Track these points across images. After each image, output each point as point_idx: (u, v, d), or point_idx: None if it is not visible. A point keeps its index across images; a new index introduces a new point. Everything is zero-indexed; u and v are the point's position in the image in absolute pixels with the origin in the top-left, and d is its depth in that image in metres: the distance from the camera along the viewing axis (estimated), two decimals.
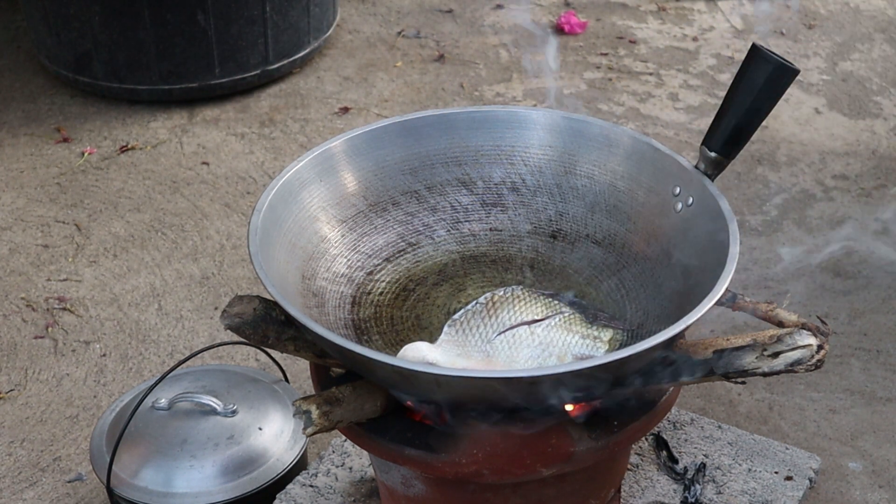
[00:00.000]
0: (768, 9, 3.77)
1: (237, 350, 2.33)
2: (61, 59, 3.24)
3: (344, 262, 1.51)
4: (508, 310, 1.36)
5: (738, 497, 1.73)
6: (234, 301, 1.34)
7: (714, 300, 1.26)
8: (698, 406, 2.20)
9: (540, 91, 3.33)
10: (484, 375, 1.26)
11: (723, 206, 1.38)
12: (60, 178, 2.95)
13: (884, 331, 2.40)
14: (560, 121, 1.58)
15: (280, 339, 1.34)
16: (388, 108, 3.24)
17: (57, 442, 2.17)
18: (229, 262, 2.63)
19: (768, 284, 2.53)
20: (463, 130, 1.59)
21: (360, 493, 1.75)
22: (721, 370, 1.29)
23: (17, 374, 2.33)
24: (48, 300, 2.52)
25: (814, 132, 3.12)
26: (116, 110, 3.22)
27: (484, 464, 1.29)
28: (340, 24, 3.64)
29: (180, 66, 3.16)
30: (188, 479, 1.81)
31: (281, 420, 1.90)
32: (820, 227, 2.74)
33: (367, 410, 1.32)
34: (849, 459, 2.09)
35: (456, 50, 3.55)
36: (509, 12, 3.77)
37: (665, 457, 1.78)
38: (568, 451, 1.30)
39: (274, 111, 3.23)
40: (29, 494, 2.06)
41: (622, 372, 1.29)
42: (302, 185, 1.49)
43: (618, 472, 1.52)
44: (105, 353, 2.38)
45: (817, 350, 1.25)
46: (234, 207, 2.82)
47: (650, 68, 3.43)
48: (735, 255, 1.31)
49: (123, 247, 2.69)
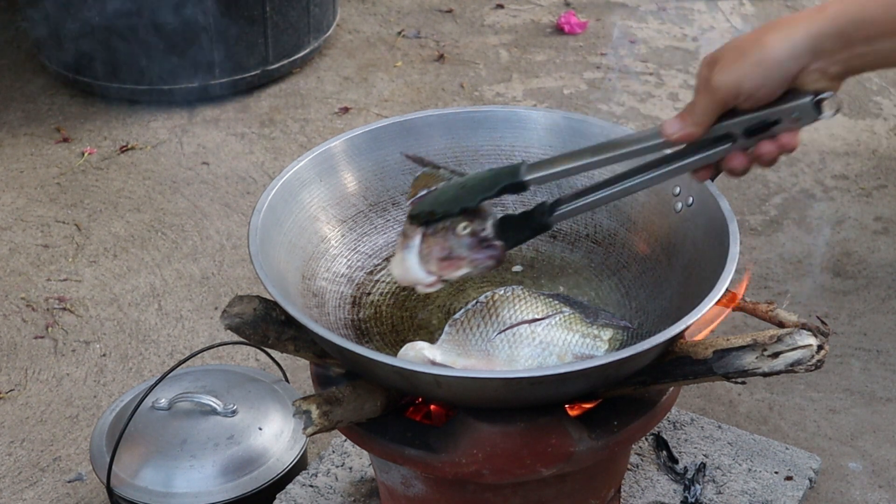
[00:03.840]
0: (768, 9, 3.78)
1: (237, 350, 2.33)
2: (61, 59, 3.24)
3: (344, 262, 1.51)
4: (509, 309, 1.36)
5: (738, 497, 1.73)
6: (234, 301, 1.34)
7: (714, 300, 1.26)
8: (698, 406, 2.20)
9: (540, 91, 3.33)
10: (484, 376, 1.26)
11: (723, 206, 1.38)
12: (60, 178, 2.95)
13: (884, 331, 2.40)
14: (560, 121, 1.57)
15: (280, 339, 1.34)
16: (388, 108, 3.24)
17: (57, 442, 2.17)
18: (229, 262, 2.63)
19: (768, 284, 2.53)
20: (463, 130, 1.59)
21: (360, 493, 1.75)
22: (721, 370, 1.29)
23: (17, 374, 2.33)
24: (48, 300, 2.52)
25: (813, 132, 3.12)
26: (116, 110, 3.22)
27: (484, 464, 1.29)
28: (340, 24, 3.64)
29: (180, 66, 3.15)
30: (188, 479, 1.81)
31: (281, 420, 1.90)
32: (820, 227, 2.74)
33: (367, 410, 1.32)
34: (849, 459, 2.09)
35: (456, 50, 3.55)
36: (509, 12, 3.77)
37: (665, 457, 1.78)
38: (568, 451, 1.30)
39: (274, 111, 3.23)
40: (29, 494, 2.06)
41: (622, 372, 1.29)
42: (302, 185, 1.49)
43: (618, 472, 1.52)
44: (105, 353, 2.38)
45: (817, 350, 1.25)
46: (234, 207, 2.82)
47: (650, 68, 3.43)
48: (735, 255, 1.31)
49: (123, 247, 2.69)
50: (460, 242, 1.29)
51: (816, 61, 1.14)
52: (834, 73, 1.15)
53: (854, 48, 1.13)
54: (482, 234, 1.29)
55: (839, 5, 1.14)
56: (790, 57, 1.14)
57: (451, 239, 1.29)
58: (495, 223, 1.30)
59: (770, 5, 3.79)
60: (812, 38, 1.13)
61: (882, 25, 1.12)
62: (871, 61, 1.15)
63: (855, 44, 1.13)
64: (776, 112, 1.17)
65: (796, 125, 1.17)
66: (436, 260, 1.30)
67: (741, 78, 1.15)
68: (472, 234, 1.29)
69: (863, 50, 1.13)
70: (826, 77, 1.15)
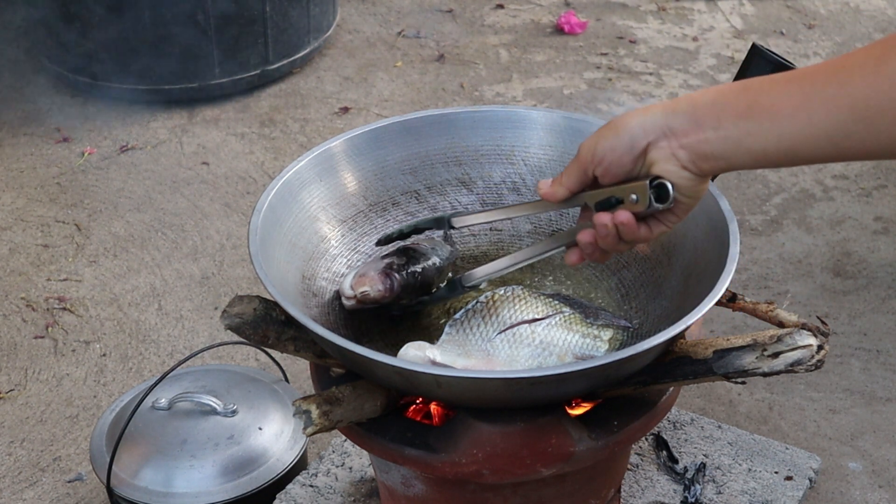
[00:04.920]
0: (768, 9, 3.77)
1: (237, 350, 2.33)
2: (61, 59, 3.24)
3: (344, 262, 1.51)
4: (509, 308, 1.36)
5: (738, 497, 1.73)
6: (234, 301, 1.34)
7: (714, 300, 1.26)
8: (698, 406, 2.20)
9: (540, 91, 3.33)
10: (484, 376, 1.26)
11: (723, 206, 1.38)
12: (60, 178, 2.95)
13: (884, 331, 2.40)
14: (560, 120, 1.57)
15: (280, 339, 1.34)
16: (388, 108, 3.24)
17: (57, 442, 2.17)
18: (229, 262, 2.63)
19: (768, 284, 2.53)
20: (463, 130, 1.59)
21: (360, 493, 1.75)
22: (721, 370, 1.29)
23: (17, 374, 2.33)
24: (48, 300, 2.52)
25: None
26: (116, 110, 3.22)
27: (484, 464, 1.29)
28: (340, 24, 3.64)
29: (180, 66, 3.15)
30: (188, 479, 1.81)
31: (281, 420, 1.90)
32: (820, 227, 2.74)
33: (367, 410, 1.32)
34: (849, 459, 2.09)
35: (456, 50, 3.55)
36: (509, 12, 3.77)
37: (665, 457, 1.78)
38: (568, 451, 1.30)
39: (274, 111, 3.23)
40: (29, 494, 2.07)
41: (622, 372, 1.29)
42: (302, 185, 1.49)
43: (618, 472, 1.52)
44: (105, 353, 2.38)
45: (817, 350, 1.25)
46: (234, 207, 2.82)
47: (650, 68, 3.43)
48: (735, 255, 1.31)
49: (123, 247, 2.69)
50: (376, 265, 1.42)
51: (665, 139, 1.16)
52: (683, 158, 1.16)
53: (702, 131, 1.14)
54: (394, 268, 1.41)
55: (702, 91, 1.17)
56: (641, 128, 1.17)
57: (375, 261, 1.44)
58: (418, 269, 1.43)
59: (770, 5, 3.79)
60: (665, 115, 1.16)
61: (733, 108, 1.13)
62: (717, 150, 1.14)
63: (704, 127, 1.14)
64: (619, 190, 1.22)
65: (634, 208, 1.21)
66: (358, 273, 1.42)
67: (597, 140, 1.21)
68: (389, 264, 1.42)
69: (710, 135, 1.13)
70: (674, 161, 1.16)
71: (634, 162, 1.20)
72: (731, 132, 1.13)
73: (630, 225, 1.22)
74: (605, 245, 1.26)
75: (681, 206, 1.22)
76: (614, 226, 1.23)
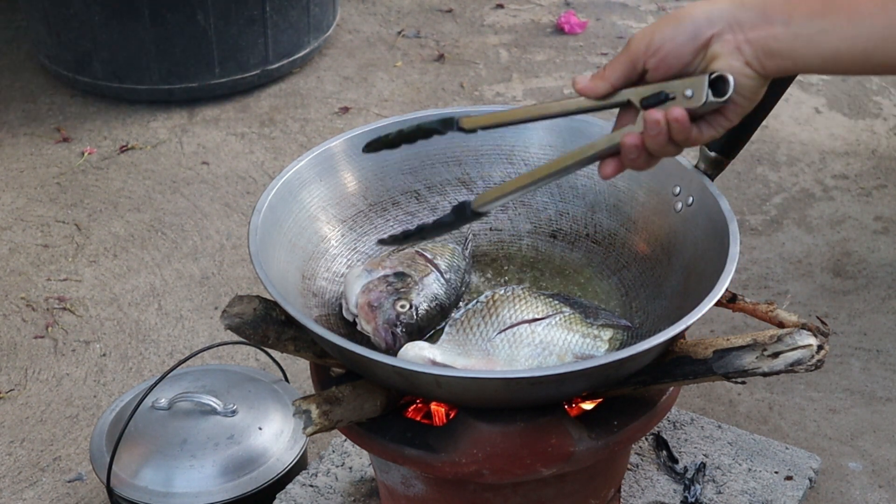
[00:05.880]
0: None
1: (237, 350, 2.33)
2: (61, 59, 3.24)
3: (344, 262, 1.51)
4: (509, 308, 1.36)
5: (738, 497, 1.73)
6: (234, 301, 1.34)
7: (714, 300, 1.26)
8: (698, 406, 2.20)
9: (540, 91, 3.33)
10: (484, 376, 1.26)
11: (723, 205, 1.38)
12: (60, 177, 2.95)
13: (884, 331, 2.40)
14: (560, 120, 1.57)
15: (280, 339, 1.34)
16: (388, 108, 3.24)
17: (57, 442, 2.17)
18: (229, 262, 2.63)
19: (768, 284, 2.53)
20: None
21: (360, 493, 1.75)
22: (721, 370, 1.29)
23: (17, 374, 2.33)
24: (48, 300, 2.52)
25: (814, 132, 3.12)
26: (116, 110, 3.22)
27: (484, 464, 1.29)
28: (340, 24, 3.64)
29: (180, 66, 3.16)
30: (188, 479, 1.81)
31: (281, 420, 1.90)
32: (820, 227, 2.74)
33: (367, 410, 1.32)
34: (849, 459, 2.09)
35: (456, 50, 3.55)
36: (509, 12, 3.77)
37: (665, 457, 1.78)
38: (568, 451, 1.30)
39: (274, 111, 3.23)
40: (29, 494, 2.06)
41: (622, 372, 1.29)
42: (302, 184, 1.49)
43: (618, 471, 1.52)
44: (105, 353, 2.38)
45: (817, 350, 1.25)
46: (234, 207, 2.82)
47: None
48: (735, 255, 1.31)
49: (123, 247, 2.69)
50: (386, 312, 1.37)
51: (731, 31, 1.09)
52: (747, 53, 1.09)
53: (772, 27, 1.07)
54: (401, 320, 1.37)
55: None
56: (706, 18, 1.10)
57: (388, 303, 1.38)
58: (423, 311, 1.38)
59: None
60: (733, 7, 1.09)
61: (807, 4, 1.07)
62: (785, 48, 1.07)
63: (774, 22, 1.07)
64: (671, 85, 1.13)
65: (689, 104, 1.12)
66: (367, 300, 1.38)
67: (654, 31, 1.12)
68: (396, 314, 1.37)
69: (780, 31, 1.07)
70: (738, 56, 1.09)
71: (695, 53, 1.11)
72: (802, 29, 1.07)
73: (684, 122, 1.12)
74: (653, 146, 1.15)
75: (734, 108, 1.13)
76: (666, 122, 1.13)
